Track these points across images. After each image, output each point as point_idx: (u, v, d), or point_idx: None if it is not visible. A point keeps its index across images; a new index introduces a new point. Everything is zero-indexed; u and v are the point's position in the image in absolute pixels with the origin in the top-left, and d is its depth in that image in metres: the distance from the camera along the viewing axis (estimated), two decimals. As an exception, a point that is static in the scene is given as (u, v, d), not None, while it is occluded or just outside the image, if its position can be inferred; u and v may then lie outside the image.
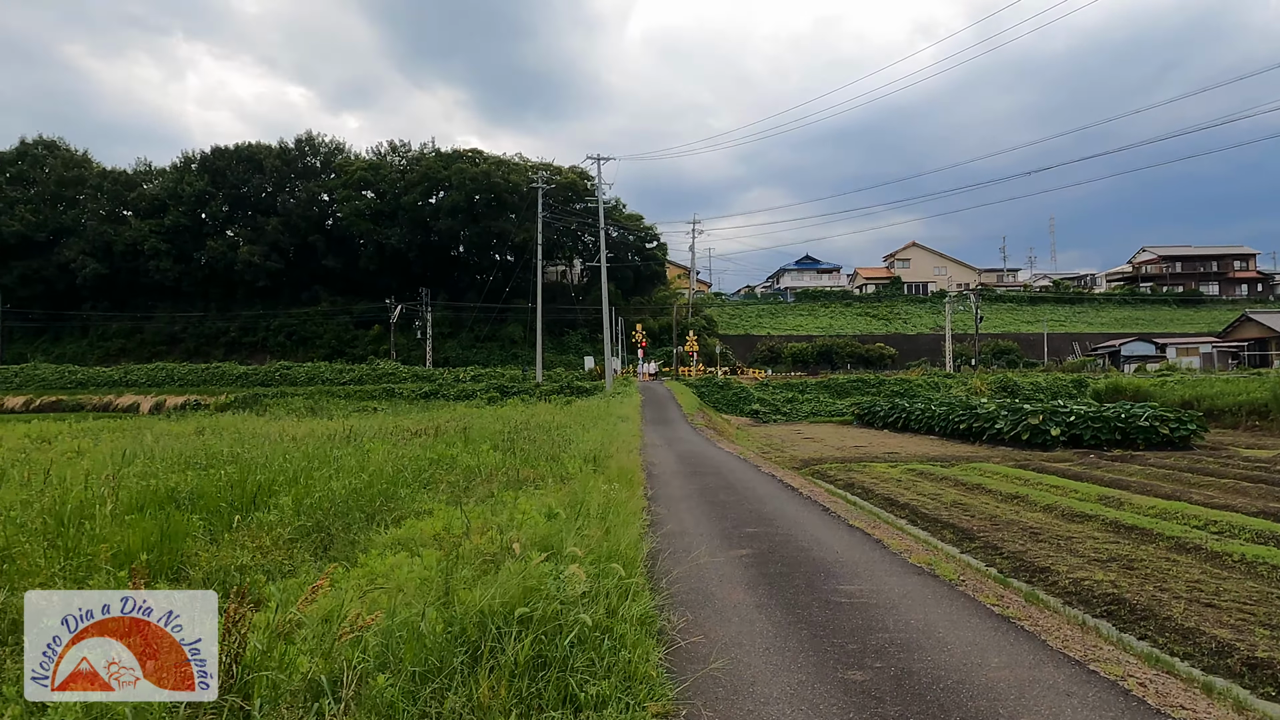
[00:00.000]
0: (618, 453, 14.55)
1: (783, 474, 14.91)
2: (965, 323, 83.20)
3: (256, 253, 74.31)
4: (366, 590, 5.22)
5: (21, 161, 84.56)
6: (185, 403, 54.57)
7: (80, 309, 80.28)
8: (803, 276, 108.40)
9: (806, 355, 72.55)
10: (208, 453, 12.81)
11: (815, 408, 52.19)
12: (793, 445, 32.90)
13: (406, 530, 7.33)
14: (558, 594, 4.14)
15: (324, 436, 18.49)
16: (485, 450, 13.39)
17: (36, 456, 15.56)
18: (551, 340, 74.69)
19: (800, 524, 9.23)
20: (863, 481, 20.08)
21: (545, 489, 9.94)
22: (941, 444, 31.75)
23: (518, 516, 7.43)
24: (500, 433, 18.64)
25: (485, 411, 32.69)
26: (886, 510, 16.16)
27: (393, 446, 14.33)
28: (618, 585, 4.72)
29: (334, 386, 56.45)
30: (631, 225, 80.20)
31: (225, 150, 79.23)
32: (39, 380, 61.78)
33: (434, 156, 77.11)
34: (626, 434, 20.58)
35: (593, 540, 5.94)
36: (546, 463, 12.37)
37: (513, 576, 4.33)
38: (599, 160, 45.96)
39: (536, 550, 5.33)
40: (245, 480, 8.68)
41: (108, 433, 23.35)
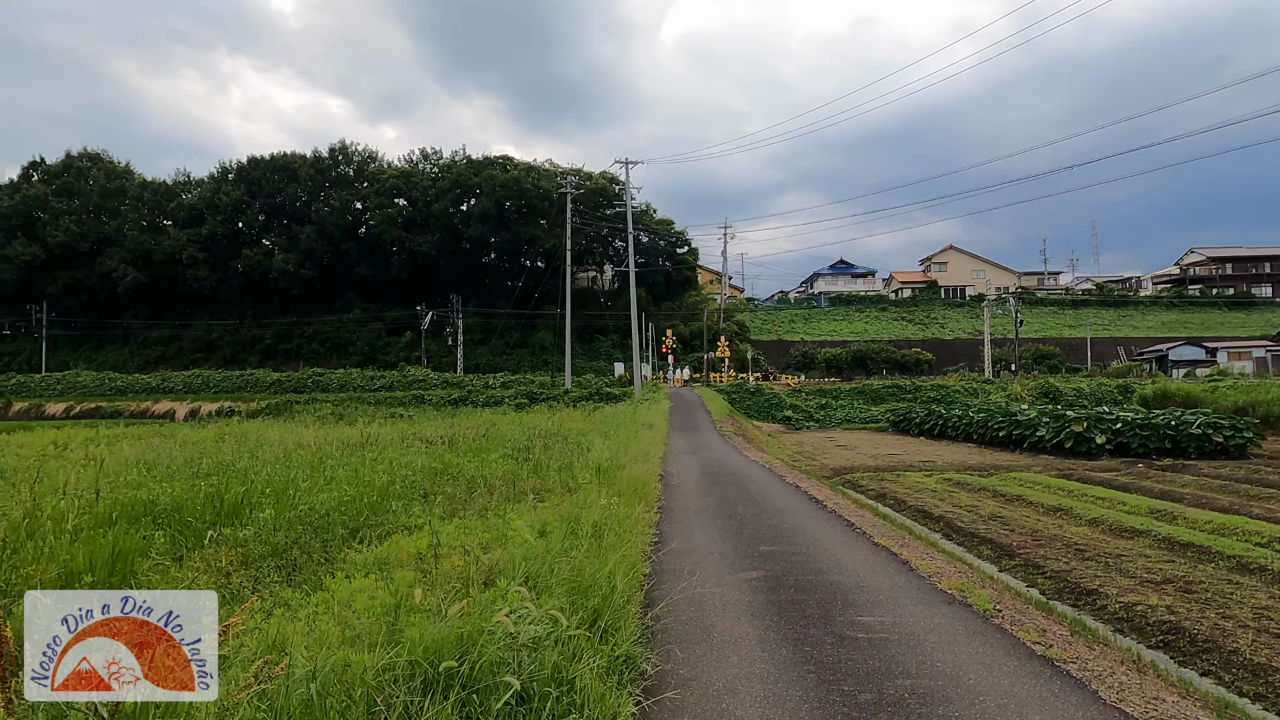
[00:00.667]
0: (634, 462, 13.92)
1: (808, 485, 14.14)
2: (1004, 327, 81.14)
3: (291, 261, 75.10)
4: (314, 622, 4.66)
5: (67, 174, 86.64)
6: (219, 409, 55.18)
7: (122, 317, 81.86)
8: (837, 281, 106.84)
9: (840, 361, 71.24)
10: (207, 462, 12.42)
11: (849, 414, 51.12)
12: (824, 453, 31.97)
13: (388, 548, 6.76)
14: (509, 636, 3.50)
15: (338, 444, 18.14)
16: (495, 459, 12.84)
17: (48, 465, 15.39)
18: (582, 346, 74.33)
19: (821, 542, 8.50)
20: (895, 492, 19.19)
21: (549, 501, 9.35)
22: (980, 452, 30.61)
23: (508, 533, 6.83)
24: (517, 441, 18.12)
25: (510, 418, 32.26)
26: (920, 523, 15.30)
27: (402, 454, 13.85)
28: (588, 621, 4.07)
29: (365, 393, 56.63)
30: (662, 230, 79.65)
31: (261, 160, 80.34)
32: (80, 387, 62.93)
33: (465, 164, 77.33)
34: (649, 442, 19.93)
35: (576, 564, 5.30)
36: (557, 473, 11.79)
37: (459, 615, 3.70)
38: (627, 164, 45.47)
39: (505, 578, 4.72)
40: (225, 492, 8.18)
41: (130, 439, 23.29)
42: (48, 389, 62.91)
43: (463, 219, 75.13)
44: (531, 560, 5.35)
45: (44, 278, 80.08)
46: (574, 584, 4.75)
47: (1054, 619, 6.71)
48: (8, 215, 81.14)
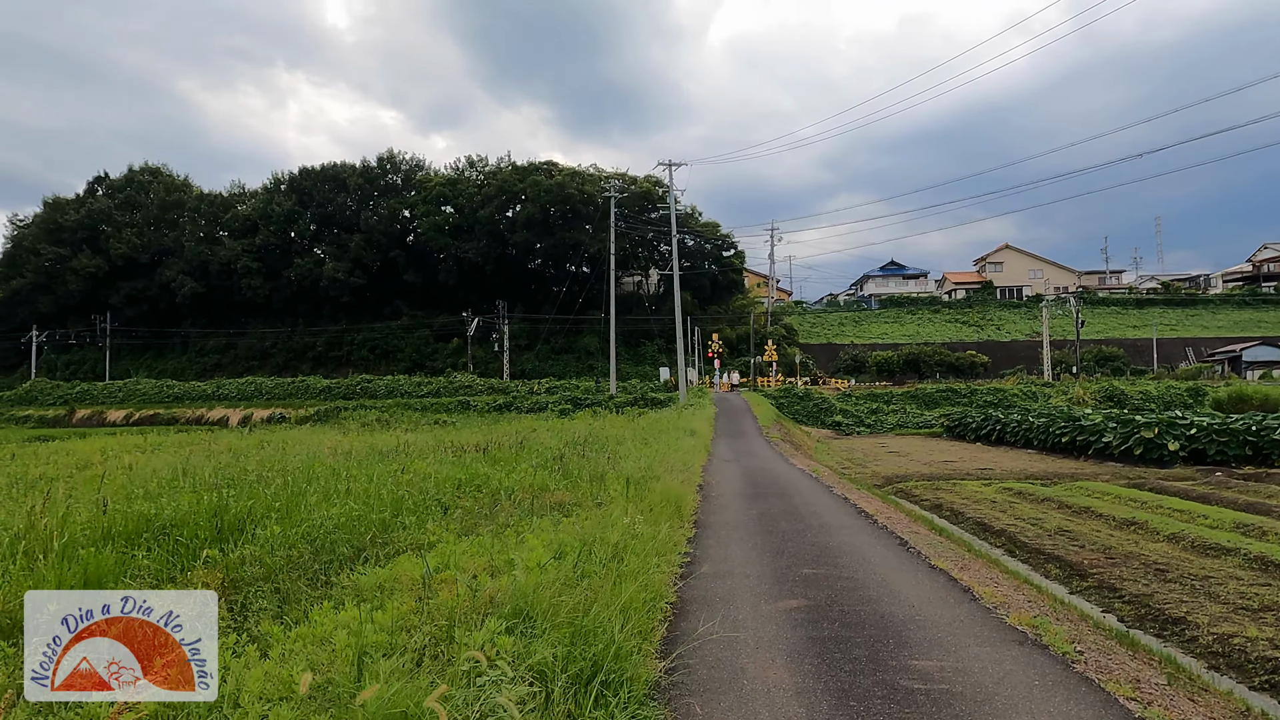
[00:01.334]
0: (672, 472, 13.22)
1: (857, 496, 13.26)
2: (1064, 328, 78.30)
3: (340, 269, 76.18)
4: (285, 661, 4.09)
5: (129, 188, 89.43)
6: (271, 416, 56.02)
7: (180, 326, 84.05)
8: (888, 283, 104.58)
9: (892, 364, 69.43)
10: (234, 471, 12.07)
11: (901, 419, 49.63)
12: (875, 460, 30.81)
13: (390, 571, 6.19)
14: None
15: (370, 452, 17.80)
16: (525, 469, 12.25)
17: (82, 474, 15.32)
18: (627, 351, 73.83)
19: (870, 563, 7.69)
20: (952, 502, 18.11)
21: (575, 516, 8.71)
22: (1041, 459, 29.15)
23: (520, 556, 6.20)
24: (554, 448, 17.55)
25: (551, 424, 31.78)
26: (979, 538, 14.28)
27: (430, 464, 13.36)
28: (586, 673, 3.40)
29: (411, 399, 56.94)
30: (708, 233, 78.80)
31: (312, 170, 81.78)
32: (140, 395, 64.58)
33: (510, 170, 77.58)
34: (690, 449, 19.20)
35: (585, 596, 4.64)
36: (588, 484, 11.15)
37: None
38: (670, 166, 44.79)
39: (497, 618, 4.07)
40: (227, 507, 7.72)
41: (173, 447, 23.40)
42: (109, 396, 64.69)
43: (508, 225, 75.36)
44: (537, 590, 4.70)
45: (108, 288, 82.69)
46: (576, 625, 4.08)
47: (1142, 657, 5.83)
48: (74, 229, 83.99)
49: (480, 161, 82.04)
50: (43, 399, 65.25)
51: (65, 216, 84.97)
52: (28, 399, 65.85)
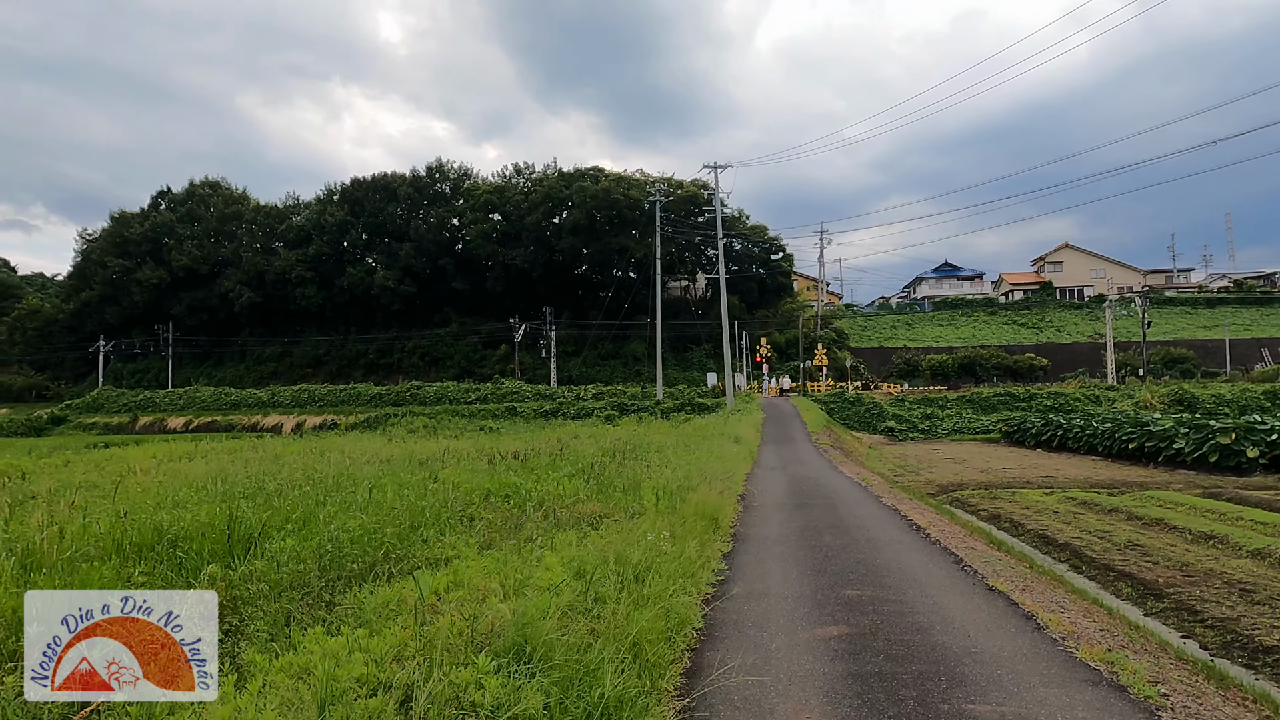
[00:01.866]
0: (712, 480, 12.68)
1: (908, 507, 12.53)
2: (1129, 329, 75.30)
3: (391, 277, 77.23)
4: (262, 696, 3.70)
5: (190, 201, 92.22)
6: (323, 422, 56.83)
7: (239, 335, 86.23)
8: (941, 285, 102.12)
9: (947, 368, 67.54)
10: (260, 481, 11.90)
11: (957, 424, 48.11)
12: (929, 467, 29.73)
13: (397, 590, 5.80)
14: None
15: (407, 459, 17.62)
16: (558, 478, 11.83)
17: (126, 481, 15.40)
18: (674, 356, 73.27)
19: (921, 584, 7.06)
20: (1011, 513, 17.17)
21: (604, 529, 8.25)
22: (1106, 466, 27.78)
23: (537, 574, 5.75)
24: (593, 455, 17.14)
25: (596, 431, 31.44)
26: (1040, 551, 13.40)
27: (462, 472, 13.05)
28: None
29: (460, 405, 57.23)
30: (755, 236, 77.88)
31: (363, 181, 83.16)
32: (199, 402, 66.26)
33: (556, 177, 77.78)
34: (734, 457, 18.60)
35: (598, 624, 4.16)
36: (622, 494, 10.68)
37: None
38: (715, 168, 44.17)
39: (490, 653, 3.62)
40: (239, 519, 7.43)
41: (222, 454, 23.59)
42: (170, 404, 66.53)
43: (554, 231, 75.55)
44: (541, 619, 4.24)
45: (170, 299, 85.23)
46: (577, 664, 3.60)
47: (1234, 696, 5.12)
48: (138, 241, 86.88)
49: (527, 169, 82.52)
50: (108, 406, 67.40)
51: (130, 230, 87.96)
52: (95, 406, 68.06)
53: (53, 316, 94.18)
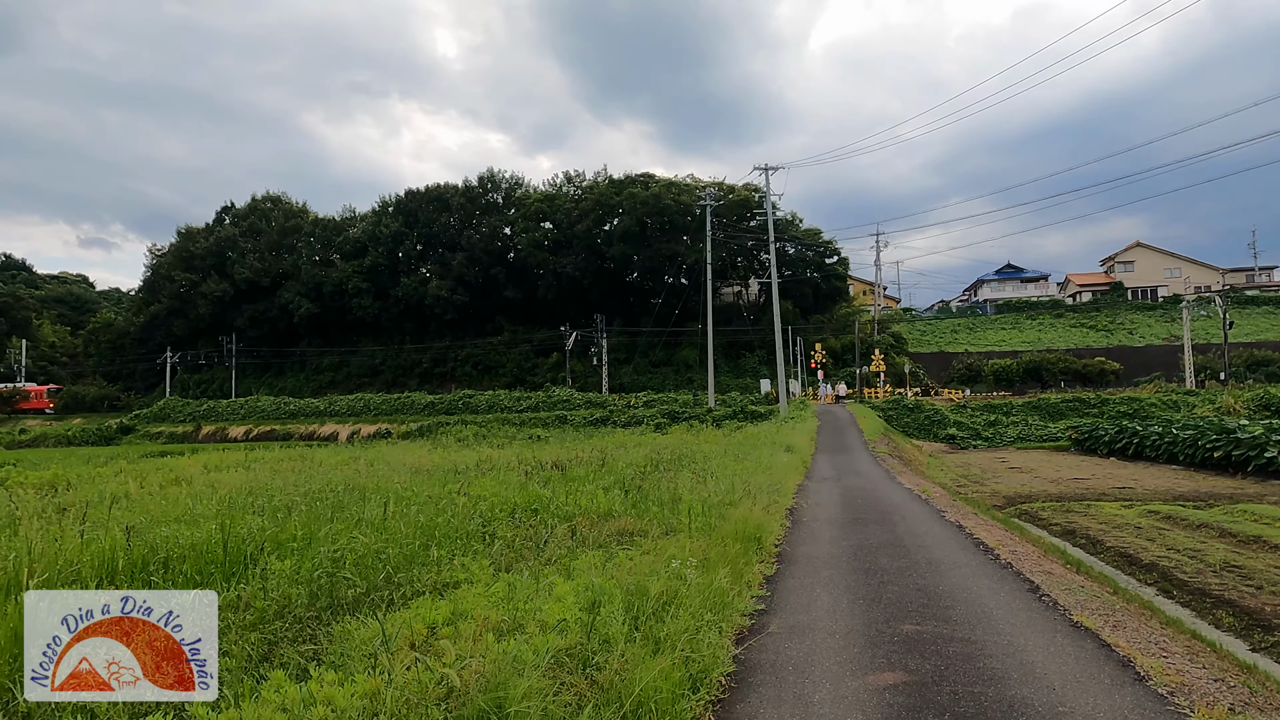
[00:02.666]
0: (757, 494, 11.83)
1: (974, 523, 11.47)
2: (1207, 331, 71.60)
3: (444, 287, 77.93)
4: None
5: (252, 215, 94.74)
6: (376, 431, 57.37)
7: (298, 345, 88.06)
8: (1004, 287, 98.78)
9: (1010, 373, 65.00)
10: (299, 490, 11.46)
11: (1023, 431, 46.08)
12: (995, 477, 28.23)
13: (390, 622, 5.14)
14: None
15: (447, 469, 17.15)
16: (592, 491, 11.12)
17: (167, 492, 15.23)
18: (727, 363, 72.19)
19: (992, 617, 6.13)
20: (1087, 528, 15.86)
21: (635, 550, 7.51)
22: (1189, 476, 25.93)
23: (543, 607, 5.05)
24: (636, 465, 16.42)
25: (644, 439, 30.69)
26: (1123, 572, 12.18)
27: (498, 484, 12.45)
28: None
29: (511, 414, 57.17)
30: (809, 239, 76.34)
31: (417, 192, 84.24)
32: (259, 412, 67.68)
33: (606, 184, 77.53)
34: (784, 467, 17.67)
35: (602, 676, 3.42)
36: (660, 508, 9.93)
37: None
38: (767, 170, 43.19)
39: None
40: (236, 538, 6.89)
41: (268, 463, 23.54)
42: (232, 413, 68.09)
43: (605, 239, 75.23)
44: (535, 665, 3.52)
45: (233, 311, 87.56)
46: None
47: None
48: (203, 256, 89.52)
49: (577, 176, 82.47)
50: (174, 416, 69.33)
51: (196, 245, 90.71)
52: (161, 416, 70.11)
53: (124, 329, 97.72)
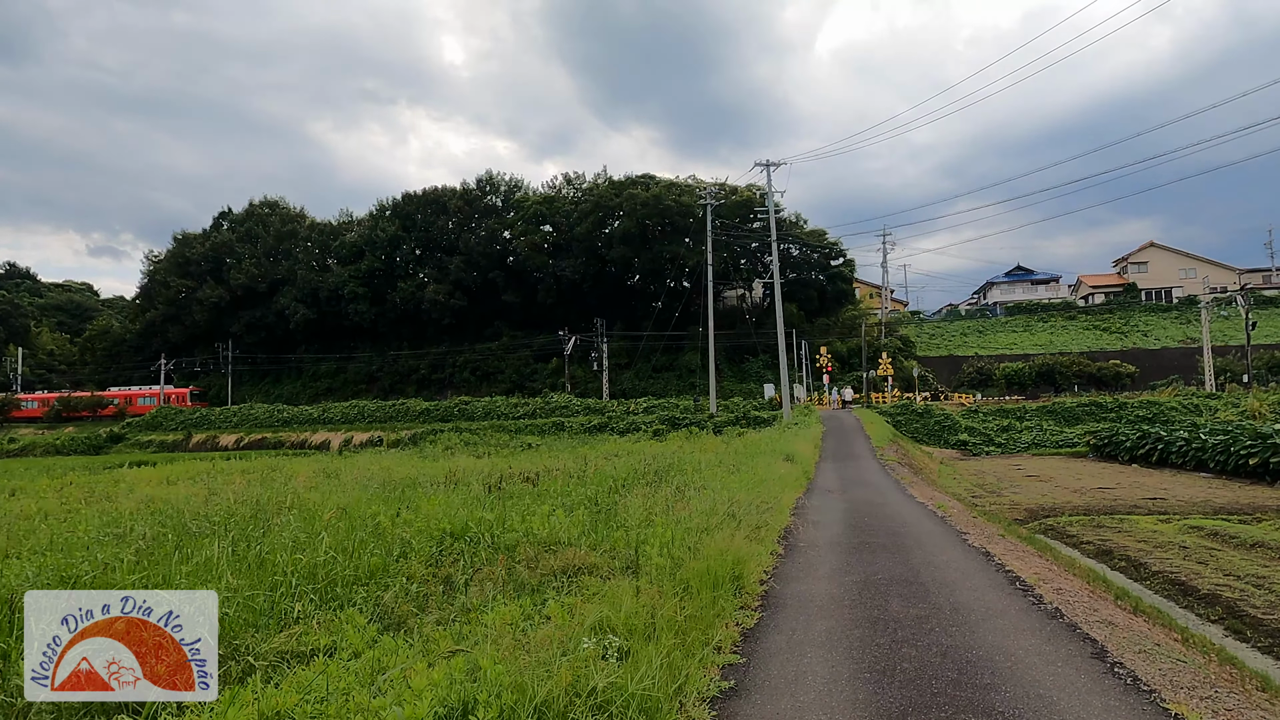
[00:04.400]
0: (738, 517, 10.12)
1: (1002, 549, 9.70)
2: (1225, 332, 69.56)
3: (441, 291, 76.43)
4: None
5: (249, 221, 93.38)
6: (369, 439, 55.83)
7: (295, 352, 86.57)
8: (1014, 290, 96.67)
9: (1023, 376, 63.05)
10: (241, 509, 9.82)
11: (1038, 437, 44.25)
12: (1012, 486, 26.41)
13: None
14: None
15: (408, 482, 15.51)
16: (549, 511, 9.40)
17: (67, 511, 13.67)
18: (731, 368, 70.45)
19: (1040, 687, 4.41)
20: (1125, 547, 14.05)
21: (579, 593, 5.84)
22: (1224, 486, 24.07)
23: (385, 715, 3.37)
24: (617, 479, 14.72)
25: (639, 447, 29.03)
26: (1179, 603, 10.39)
27: (447, 503, 10.75)
28: None
29: (507, 421, 55.53)
30: (814, 241, 74.57)
31: (414, 195, 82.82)
32: (253, 419, 66.13)
33: (606, 185, 75.95)
34: (783, 479, 15.95)
35: None
36: (625, 534, 8.23)
37: None
38: (769, 166, 41.45)
39: None
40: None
41: (234, 474, 21.95)
42: (225, 421, 66.57)
43: (605, 241, 73.58)
44: None
45: (229, 317, 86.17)
46: None
47: None
48: (199, 261, 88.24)
49: (577, 178, 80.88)
50: (166, 424, 67.82)
51: (192, 250, 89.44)
52: (153, 424, 68.59)
53: (121, 336, 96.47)
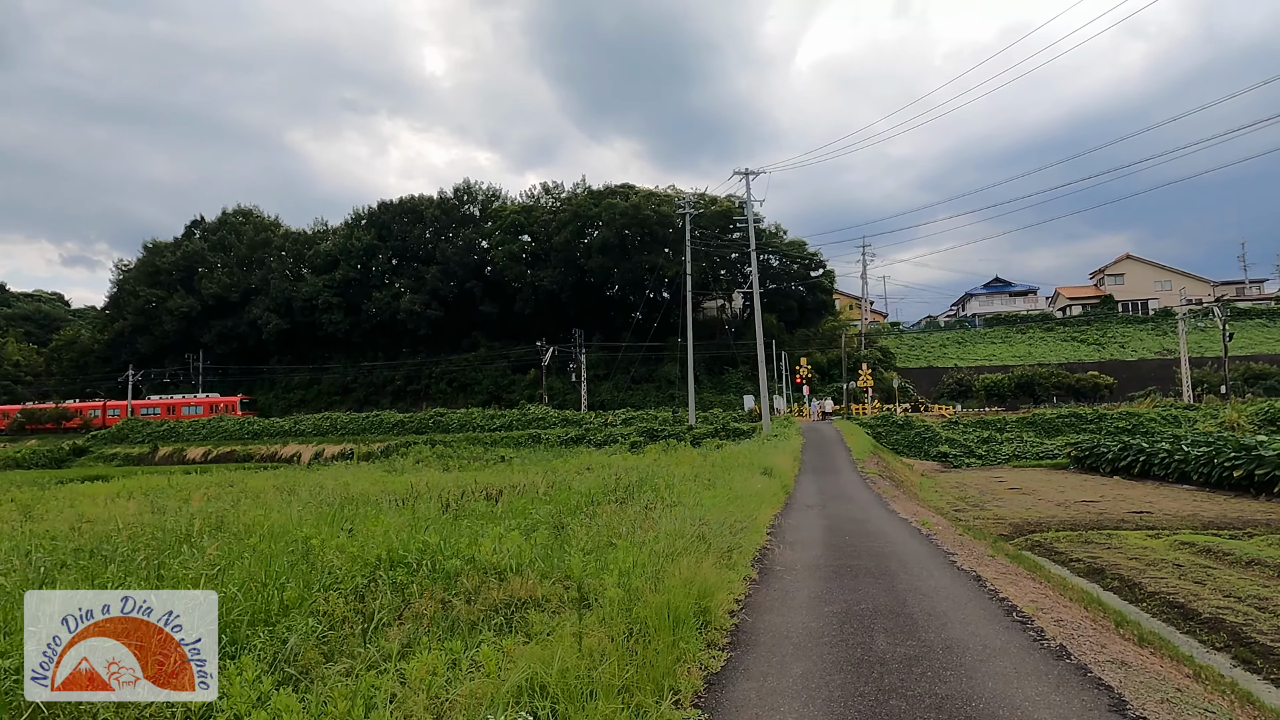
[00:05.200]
0: (707, 540, 9.35)
1: (993, 572, 8.98)
2: (1200, 344, 69.87)
3: (417, 301, 75.36)
4: None
5: (222, 229, 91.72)
6: (341, 452, 54.49)
7: (268, 363, 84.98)
8: (992, 301, 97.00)
9: (1002, 388, 62.88)
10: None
11: (1018, 449, 43.89)
12: (995, 499, 25.82)
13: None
14: None
15: (363, 499, 14.60)
16: (497, 533, 8.55)
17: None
18: (710, 379, 69.81)
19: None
20: (1116, 565, 13.40)
21: (514, 635, 5.04)
22: (1209, 499, 23.60)
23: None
24: (585, 494, 13.93)
25: (613, 460, 28.14)
26: (1179, 629, 9.72)
27: (397, 521, 9.88)
28: None
29: (483, 433, 54.51)
30: (793, 252, 74.25)
31: (390, 204, 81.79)
32: (222, 431, 64.50)
33: (585, 194, 75.31)
34: (760, 494, 15.19)
35: None
36: (583, 558, 7.43)
37: None
38: (747, 174, 40.95)
39: None
40: None
41: (181, 490, 20.88)
42: (193, 433, 64.90)
43: (584, 251, 72.84)
44: None
45: (200, 327, 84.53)
46: None
47: None
48: (170, 270, 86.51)
49: (556, 188, 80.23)
50: (133, 437, 66.00)
51: (162, 259, 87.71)
52: (119, 437, 66.74)
53: (88, 347, 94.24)
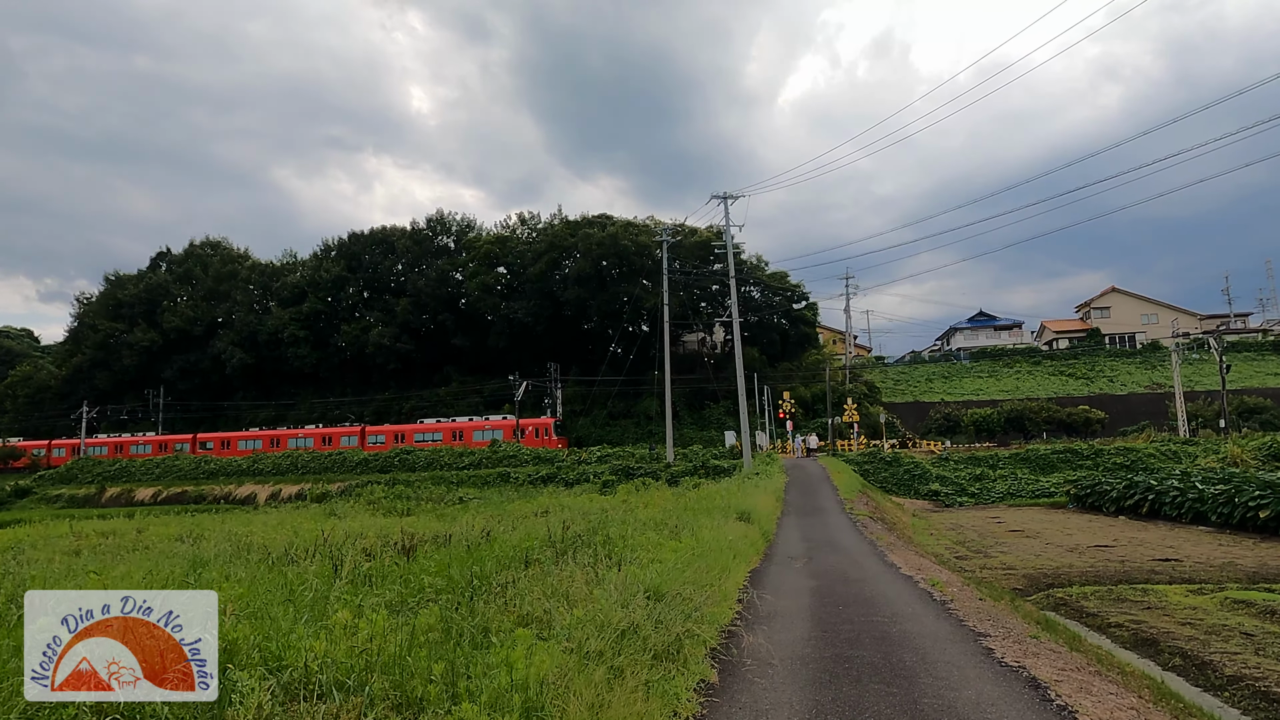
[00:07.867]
0: (658, 620, 6.94)
1: (1054, 671, 6.59)
2: (1190, 377, 68.38)
3: (387, 335, 72.69)
4: None
5: (189, 261, 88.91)
6: (299, 492, 51.50)
7: (232, 399, 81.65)
8: (977, 335, 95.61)
9: (992, 423, 60.89)
10: None
11: (1012, 486, 41.70)
12: (997, 543, 23.43)
13: None
14: None
15: (262, 555, 12.09)
16: (346, 619, 6.08)
17: None
18: (691, 415, 67.38)
19: None
20: (1169, 633, 10.99)
21: None
22: (1235, 542, 21.34)
23: None
24: (522, 549, 11.46)
25: (578, 502, 25.59)
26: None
27: (235, 592, 7.39)
28: None
29: (450, 471, 51.58)
30: (775, 284, 72.46)
31: (361, 235, 79.50)
32: (177, 470, 61.10)
33: (561, 225, 73.37)
34: (733, 547, 12.75)
35: None
36: (468, 655, 5.03)
37: None
38: (725, 199, 39.00)
39: None
40: None
41: (113, 537, 18.19)
42: (146, 473, 61.42)
43: (560, 283, 70.59)
44: None
45: (161, 362, 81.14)
46: None
47: None
48: (132, 303, 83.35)
49: (532, 218, 78.30)
50: (81, 477, 62.45)
51: (124, 292, 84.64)
52: (68, 477, 63.12)
53: (45, 383, 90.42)
